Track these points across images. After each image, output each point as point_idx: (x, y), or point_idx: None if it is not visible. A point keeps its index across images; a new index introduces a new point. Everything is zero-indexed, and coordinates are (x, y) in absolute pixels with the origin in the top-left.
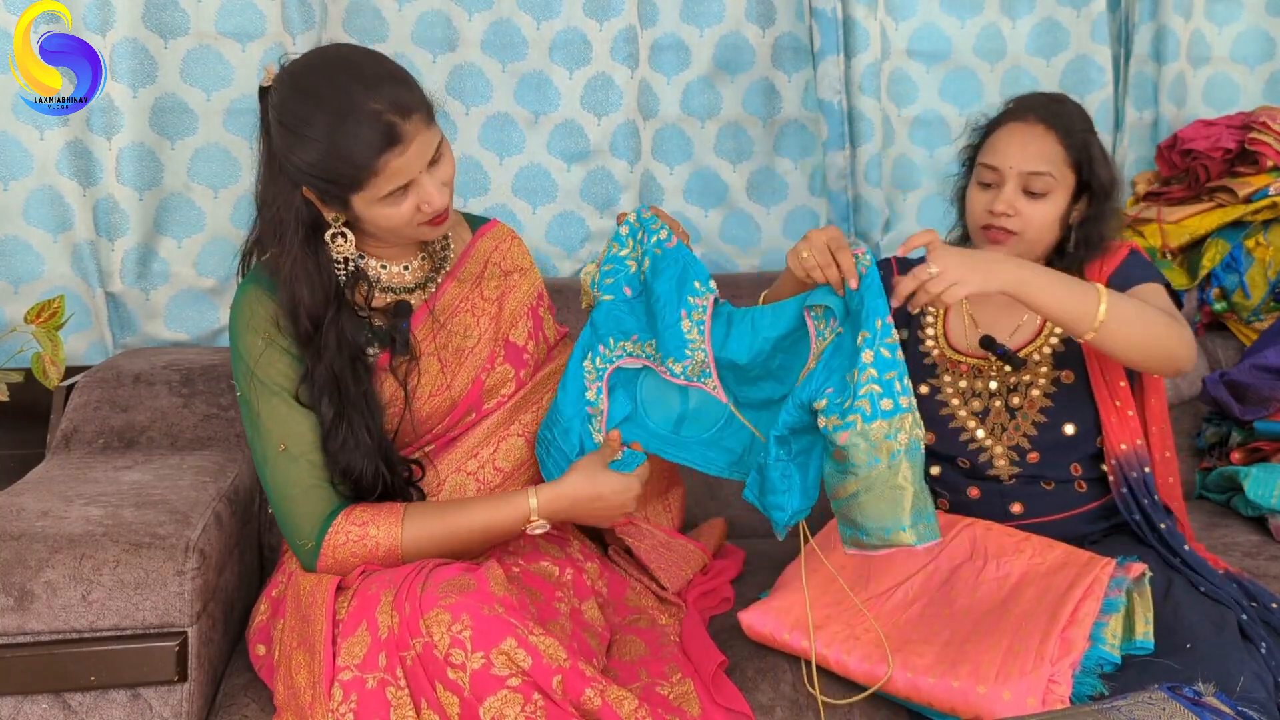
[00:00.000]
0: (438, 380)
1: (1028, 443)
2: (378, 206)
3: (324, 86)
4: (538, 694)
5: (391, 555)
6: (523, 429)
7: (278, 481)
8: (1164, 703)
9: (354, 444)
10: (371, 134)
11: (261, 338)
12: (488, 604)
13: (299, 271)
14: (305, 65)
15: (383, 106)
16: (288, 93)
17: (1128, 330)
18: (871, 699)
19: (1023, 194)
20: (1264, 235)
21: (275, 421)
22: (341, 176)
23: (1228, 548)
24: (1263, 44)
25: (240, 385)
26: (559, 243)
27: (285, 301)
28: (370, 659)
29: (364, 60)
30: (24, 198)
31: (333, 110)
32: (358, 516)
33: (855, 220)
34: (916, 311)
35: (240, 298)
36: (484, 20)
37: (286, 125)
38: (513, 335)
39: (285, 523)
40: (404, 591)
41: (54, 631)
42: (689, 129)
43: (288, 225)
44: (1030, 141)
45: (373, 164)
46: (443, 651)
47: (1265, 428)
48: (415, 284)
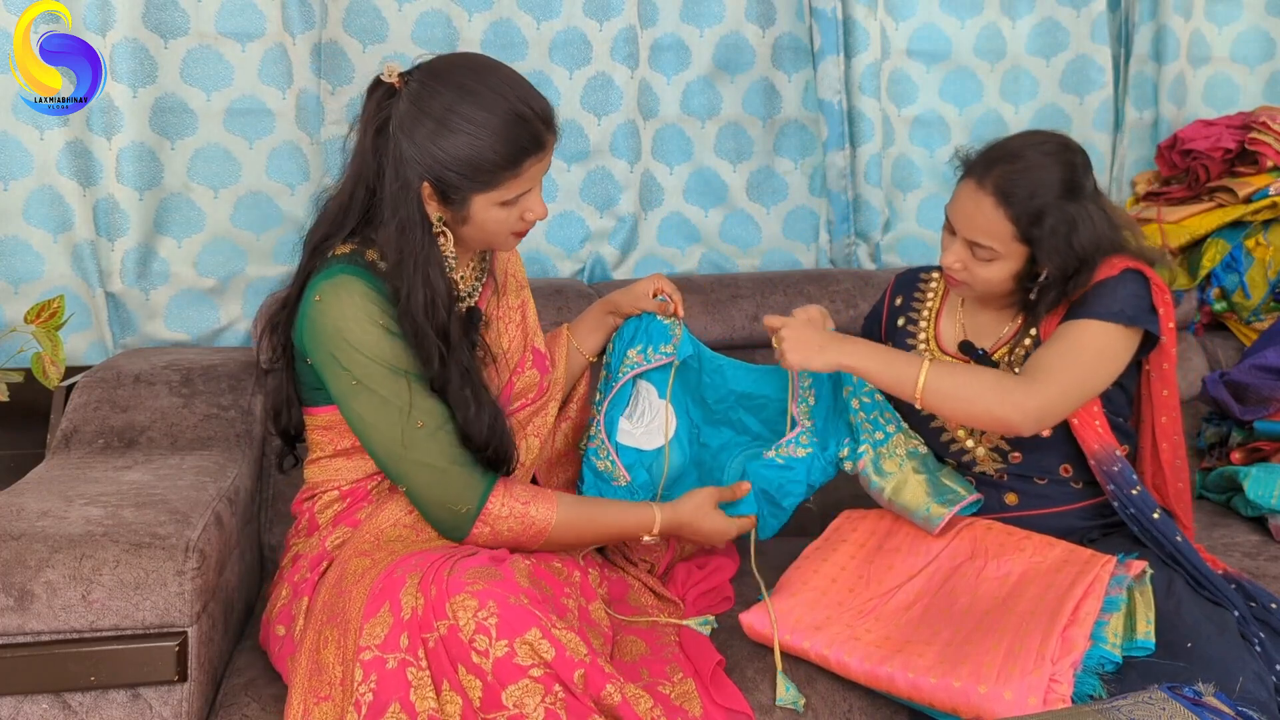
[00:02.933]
0: (490, 381)
1: (1006, 444)
2: (494, 209)
3: (479, 83)
4: (559, 686)
5: (540, 535)
6: (536, 430)
7: (423, 457)
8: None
9: (499, 425)
10: (524, 136)
11: (378, 326)
12: (514, 594)
13: (432, 266)
14: (452, 64)
15: (534, 112)
16: (436, 85)
17: (946, 403)
18: (872, 699)
19: (970, 253)
20: (1264, 235)
21: (406, 400)
22: (481, 172)
23: (1228, 548)
24: (1263, 44)
25: (350, 374)
26: (559, 243)
27: (421, 296)
28: (392, 639)
29: (510, 69)
30: (24, 198)
31: (491, 108)
32: (519, 494)
33: (855, 220)
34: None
35: (340, 286)
36: (484, 20)
37: (432, 115)
38: (537, 342)
39: (436, 492)
40: (430, 575)
41: (54, 631)
42: (689, 129)
43: (414, 221)
44: (975, 213)
45: (519, 164)
46: (467, 636)
47: (1265, 428)
48: (467, 292)
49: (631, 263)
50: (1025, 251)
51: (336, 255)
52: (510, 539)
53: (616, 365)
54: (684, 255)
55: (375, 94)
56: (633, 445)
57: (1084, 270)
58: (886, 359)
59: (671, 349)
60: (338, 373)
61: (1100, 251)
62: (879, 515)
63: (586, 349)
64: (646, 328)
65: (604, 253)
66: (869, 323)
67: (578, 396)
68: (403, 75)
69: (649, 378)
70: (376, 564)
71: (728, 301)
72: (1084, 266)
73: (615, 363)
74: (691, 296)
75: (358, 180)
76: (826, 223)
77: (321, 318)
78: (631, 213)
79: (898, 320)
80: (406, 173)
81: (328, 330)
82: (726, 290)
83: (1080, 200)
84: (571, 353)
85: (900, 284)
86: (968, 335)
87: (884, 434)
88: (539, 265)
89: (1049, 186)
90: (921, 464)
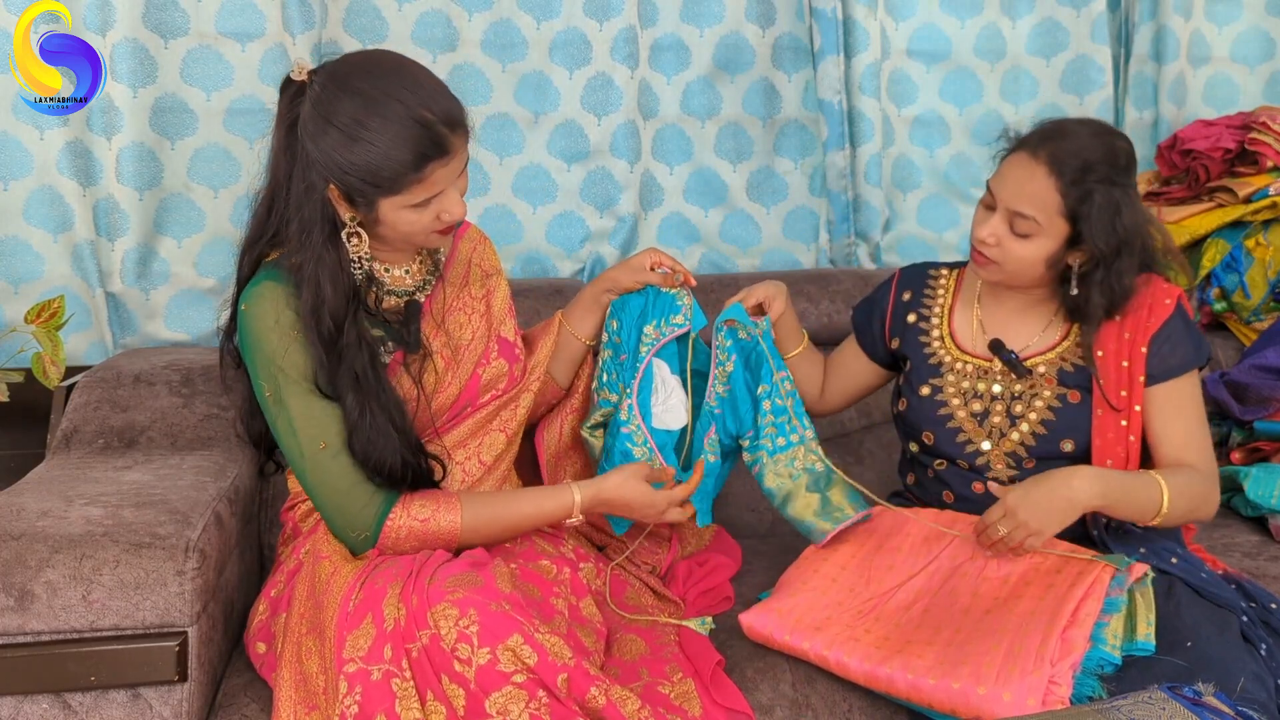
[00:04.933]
0: (445, 376)
1: (1024, 451)
2: (403, 211)
3: (379, 89)
4: (542, 691)
5: (450, 543)
6: (503, 424)
7: (323, 479)
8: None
9: (380, 438)
10: (424, 142)
11: (288, 335)
12: (494, 600)
13: (324, 270)
14: (355, 66)
15: (436, 117)
16: (336, 91)
17: (1176, 517)
18: (871, 699)
19: (1009, 227)
20: (1264, 235)
21: (312, 420)
22: (383, 179)
23: (1228, 548)
24: (1263, 44)
25: (269, 385)
26: (559, 243)
27: (309, 300)
28: (375, 651)
29: (416, 70)
30: (24, 198)
31: (388, 114)
32: (417, 510)
33: (855, 220)
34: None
35: (260, 296)
36: (484, 20)
37: (332, 122)
38: (503, 331)
39: (336, 517)
40: (411, 585)
41: (54, 631)
42: (689, 129)
43: (314, 223)
44: (1027, 181)
45: (419, 171)
46: (449, 645)
47: (1265, 428)
48: (415, 287)
49: None
50: (1065, 231)
51: (267, 261)
52: (414, 551)
53: (634, 343)
54: (684, 255)
55: (287, 92)
56: (663, 428)
57: (1123, 255)
58: (1125, 488)
59: (682, 319)
60: (260, 384)
61: (1139, 237)
62: (879, 515)
63: (582, 333)
64: (654, 301)
65: (604, 253)
66: (862, 315)
67: (582, 387)
68: (311, 73)
69: (661, 353)
70: (339, 570)
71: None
72: (1125, 250)
73: (631, 341)
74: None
75: (274, 181)
76: (826, 223)
77: (246, 327)
78: (631, 213)
79: (907, 316)
80: (311, 175)
81: (251, 340)
82: (726, 290)
83: (1125, 186)
84: (566, 339)
85: (907, 278)
86: (988, 332)
87: (786, 441)
88: (539, 265)
89: (1100, 166)
90: (814, 482)
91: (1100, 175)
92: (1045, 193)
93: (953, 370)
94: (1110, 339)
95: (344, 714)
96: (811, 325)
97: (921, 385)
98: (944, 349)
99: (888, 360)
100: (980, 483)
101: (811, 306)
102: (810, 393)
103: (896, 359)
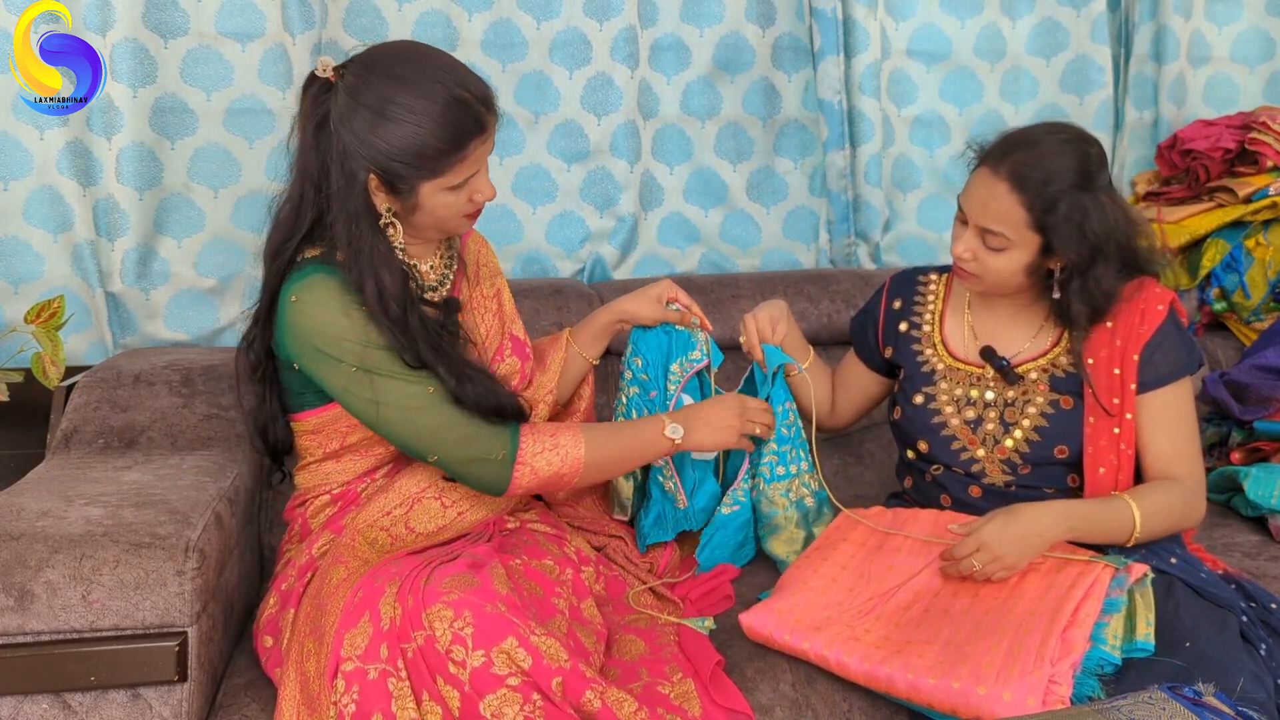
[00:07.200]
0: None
1: (1019, 458)
2: (442, 194)
3: (417, 72)
4: (537, 694)
5: (576, 464)
6: None
7: (441, 420)
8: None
9: (484, 390)
10: (465, 119)
11: (360, 312)
12: (490, 602)
13: (379, 259)
14: (386, 54)
15: (473, 96)
16: (373, 78)
17: (1152, 537)
18: (872, 699)
19: (981, 242)
20: (1264, 235)
21: (411, 376)
22: (426, 159)
23: (1228, 548)
24: (1263, 44)
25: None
26: (559, 243)
27: (371, 289)
28: (372, 650)
29: (444, 54)
30: (24, 198)
31: (430, 94)
32: (543, 430)
33: (855, 220)
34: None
35: (316, 285)
36: (484, 20)
37: (371, 107)
38: (515, 329)
39: (465, 451)
40: (408, 585)
41: (54, 631)
42: (689, 129)
43: (360, 214)
44: (991, 199)
45: (463, 148)
46: (444, 647)
47: (1265, 428)
48: (437, 282)
49: (631, 263)
50: (1037, 241)
51: (307, 259)
52: (551, 475)
53: (662, 380)
54: (684, 255)
55: (311, 89)
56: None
57: (1098, 260)
58: (1092, 520)
59: (699, 354)
60: (333, 366)
61: (1113, 240)
62: (879, 514)
63: (591, 355)
64: (674, 339)
65: (604, 253)
66: (858, 326)
67: (584, 406)
68: (338, 69)
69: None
70: (353, 574)
71: (728, 301)
72: (1099, 256)
73: (659, 379)
74: (692, 296)
75: (304, 179)
76: (826, 223)
77: (302, 318)
78: (631, 213)
79: (899, 325)
80: (351, 166)
81: (312, 328)
82: (726, 290)
83: (1094, 190)
84: (573, 357)
85: (897, 286)
86: (980, 338)
87: (785, 470)
88: (539, 265)
89: (1064, 175)
90: (803, 520)
91: (1065, 184)
92: (1010, 209)
93: (945, 378)
94: (1102, 345)
95: (341, 713)
96: (811, 325)
97: (915, 394)
98: (936, 357)
99: (886, 369)
100: (977, 487)
101: (811, 307)
102: (822, 407)
103: (893, 367)
